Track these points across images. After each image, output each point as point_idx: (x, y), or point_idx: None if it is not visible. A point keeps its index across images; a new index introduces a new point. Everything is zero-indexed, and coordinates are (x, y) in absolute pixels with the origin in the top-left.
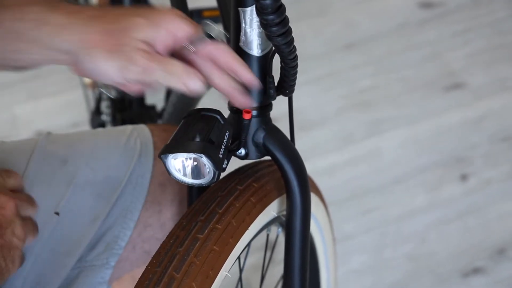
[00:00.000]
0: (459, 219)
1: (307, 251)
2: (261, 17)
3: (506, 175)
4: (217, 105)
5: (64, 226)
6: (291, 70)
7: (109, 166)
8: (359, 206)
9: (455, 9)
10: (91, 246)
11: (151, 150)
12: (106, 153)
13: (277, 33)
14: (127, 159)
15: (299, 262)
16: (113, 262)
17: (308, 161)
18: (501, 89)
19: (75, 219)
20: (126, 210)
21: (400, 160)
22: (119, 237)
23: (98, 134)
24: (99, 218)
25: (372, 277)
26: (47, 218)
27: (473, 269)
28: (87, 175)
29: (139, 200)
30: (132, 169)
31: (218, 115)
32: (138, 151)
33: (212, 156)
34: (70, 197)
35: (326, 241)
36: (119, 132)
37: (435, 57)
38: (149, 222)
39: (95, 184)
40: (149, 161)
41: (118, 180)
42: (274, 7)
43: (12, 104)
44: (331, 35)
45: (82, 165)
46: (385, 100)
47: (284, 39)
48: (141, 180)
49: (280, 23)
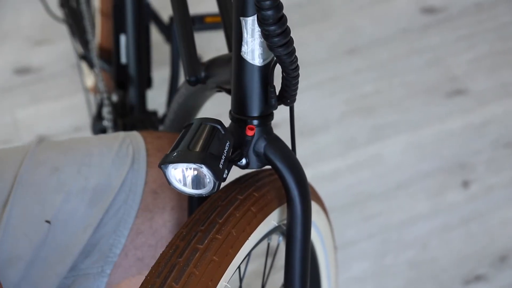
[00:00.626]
0: (461, 226)
1: (307, 261)
2: (262, 28)
3: (509, 182)
4: (218, 113)
5: (55, 235)
6: (293, 80)
7: (101, 173)
8: (361, 212)
9: (458, 15)
10: (85, 254)
11: (144, 157)
12: (98, 160)
13: (278, 43)
14: (119, 166)
15: (299, 272)
16: (108, 270)
17: (310, 166)
18: (504, 95)
19: (67, 227)
20: (120, 218)
21: (402, 166)
22: (113, 245)
23: (90, 141)
24: (91, 226)
25: (373, 284)
26: (38, 226)
27: (475, 277)
28: (79, 182)
29: (133, 207)
30: (125, 176)
31: (219, 125)
32: (130, 158)
33: (213, 167)
34: (61, 205)
35: (327, 249)
36: (111, 139)
37: (437, 62)
38: (141, 229)
39: (87, 192)
40: (142, 168)
41: (111, 188)
42: (276, 18)
43: (14, 108)
44: (334, 40)
45: (73, 172)
46: (388, 105)
47: (285, 50)
48: (135, 187)
49: (281, 34)
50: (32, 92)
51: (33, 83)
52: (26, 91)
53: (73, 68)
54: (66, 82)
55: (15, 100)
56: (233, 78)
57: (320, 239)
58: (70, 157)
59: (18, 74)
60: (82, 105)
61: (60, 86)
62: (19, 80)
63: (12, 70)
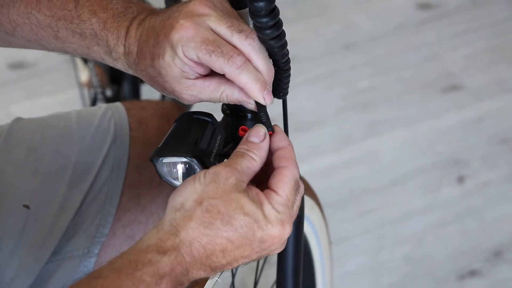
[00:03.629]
0: (457, 221)
1: (300, 255)
2: (254, 20)
3: (504, 177)
4: (210, 107)
5: (36, 218)
6: (284, 74)
7: (81, 150)
8: (357, 207)
9: (454, 10)
10: (68, 236)
11: (126, 131)
12: (77, 136)
13: (271, 36)
14: (100, 142)
15: (292, 267)
16: (96, 250)
17: (306, 161)
18: (500, 91)
19: (47, 210)
20: (104, 196)
21: (398, 162)
22: (100, 225)
23: (69, 116)
24: (73, 207)
25: (368, 279)
26: (16, 211)
27: (469, 272)
28: (57, 162)
29: (118, 185)
30: (107, 152)
31: (211, 118)
32: (112, 132)
33: (204, 160)
34: (39, 187)
35: (322, 244)
36: (91, 112)
37: (434, 58)
38: (128, 206)
39: (66, 171)
40: (125, 143)
41: (92, 165)
42: (268, 9)
43: (9, 103)
44: (330, 35)
45: (51, 152)
46: (384, 101)
47: (277, 43)
48: (118, 163)
49: (274, 26)
50: (27, 87)
51: (28, 78)
52: (21, 86)
53: (67, 63)
54: (60, 77)
55: (10, 95)
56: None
57: (314, 234)
58: (47, 136)
59: (13, 69)
60: (76, 100)
61: (55, 81)
62: (13, 75)
63: (7, 65)
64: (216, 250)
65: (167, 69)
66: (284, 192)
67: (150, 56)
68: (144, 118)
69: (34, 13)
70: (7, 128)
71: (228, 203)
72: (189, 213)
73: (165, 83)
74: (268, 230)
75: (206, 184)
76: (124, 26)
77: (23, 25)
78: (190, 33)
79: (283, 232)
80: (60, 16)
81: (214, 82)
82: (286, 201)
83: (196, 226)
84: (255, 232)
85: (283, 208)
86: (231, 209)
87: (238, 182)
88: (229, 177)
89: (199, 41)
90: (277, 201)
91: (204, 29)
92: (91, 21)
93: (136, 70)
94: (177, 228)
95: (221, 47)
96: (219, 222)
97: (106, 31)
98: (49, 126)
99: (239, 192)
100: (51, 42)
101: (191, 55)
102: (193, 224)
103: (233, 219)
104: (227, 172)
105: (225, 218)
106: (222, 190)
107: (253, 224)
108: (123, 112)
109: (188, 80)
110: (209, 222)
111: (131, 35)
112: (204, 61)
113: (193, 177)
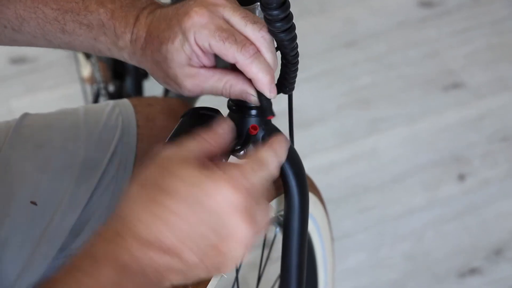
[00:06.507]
0: (457, 219)
1: (304, 252)
2: (265, 13)
3: (505, 175)
4: (216, 103)
5: (43, 215)
6: (292, 67)
7: (88, 147)
8: (357, 204)
9: (455, 8)
10: (75, 233)
11: (134, 129)
12: (85, 133)
13: (281, 28)
14: (107, 139)
15: (296, 263)
16: None
17: (307, 158)
18: (501, 89)
19: (54, 207)
20: (111, 193)
21: (399, 159)
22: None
23: (77, 113)
24: (80, 204)
25: (369, 275)
26: (24, 208)
27: (469, 270)
28: (65, 159)
29: (125, 181)
30: (114, 149)
31: (217, 114)
32: (119, 129)
33: None
34: (47, 184)
35: (324, 240)
36: (99, 109)
37: (434, 55)
38: None
39: (73, 168)
40: (132, 141)
41: (99, 162)
42: (279, 2)
43: (9, 98)
44: (331, 32)
45: (58, 148)
46: (385, 98)
47: (287, 35)
48: (125, 160)
49: (284, 19)
50: (28, 81)
51: (29, 72)
52: (22, 81)
53: (68, 58)
54: (61, 72)
55: (10, 90)
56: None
57: (317, 231)
58: (55, 132)
59: (14, 64)
60: (77, 95)
61: (56, 76)
62: (14, 69)
63: (8, 59)
64: (157, 222)
65: (173, 54)
66: (240, 164)
67: (159, 40)
68: (152, 115)
69: (41, 7)
70: (15, 124)
71: (161, 172)
72: (129, 196)
73: (169, 68)
74: (210, 189)
75: (149, 168)
76: (133, 15)
77: (30, 20)
78: (204, 20)
79: (234, 197)
80: (67, 8)
81: (218, 72)
82: (238, 167)
83: (133, 203)
84: (198, 196)
85: (232, 170)
86: (167, 178)
87: (175, 153)
88: (167, 152)
89: (213, 28)
90: (225, 165)
91: (218, 18)
92: (99, 11)
93: (141, 56)
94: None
95: (235, 35)
96: (157, 193)
97: (114, 20)
98: (56, 122)
99: (178, 163)
100: (57, 36)
101: (202, 42)
102: (131, 203)
103: (169, 187)
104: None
105: (161, 188)
106: (159, 164)
107: (191, 187)
108: (130, 109)
109: (192, 68)
110: (146, 195)
111: (141, 22)
112: (216, 49)
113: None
